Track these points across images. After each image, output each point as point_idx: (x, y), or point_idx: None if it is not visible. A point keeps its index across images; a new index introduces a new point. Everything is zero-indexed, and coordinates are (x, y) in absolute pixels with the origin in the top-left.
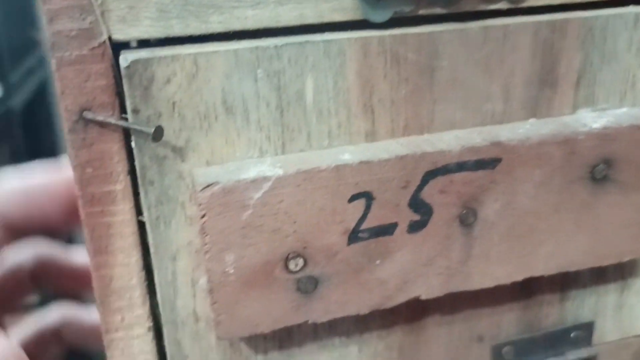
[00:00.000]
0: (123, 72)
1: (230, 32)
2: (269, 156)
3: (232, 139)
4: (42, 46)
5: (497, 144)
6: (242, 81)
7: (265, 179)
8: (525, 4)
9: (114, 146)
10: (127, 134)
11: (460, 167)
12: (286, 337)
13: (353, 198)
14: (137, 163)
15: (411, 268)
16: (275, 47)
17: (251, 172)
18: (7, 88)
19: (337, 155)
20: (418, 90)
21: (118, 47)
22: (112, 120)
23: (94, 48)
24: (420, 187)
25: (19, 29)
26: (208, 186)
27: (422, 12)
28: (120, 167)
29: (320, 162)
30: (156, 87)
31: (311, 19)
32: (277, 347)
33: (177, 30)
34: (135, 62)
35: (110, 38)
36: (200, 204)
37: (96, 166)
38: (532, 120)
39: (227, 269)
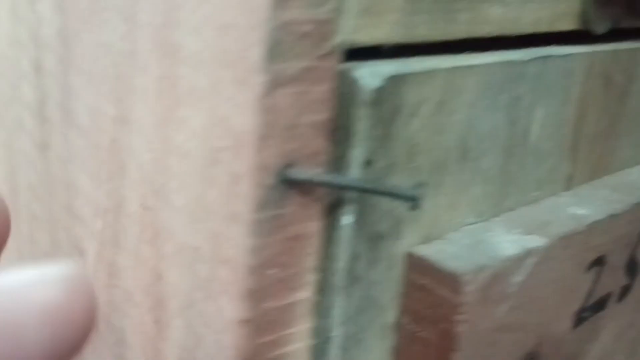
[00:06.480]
0: (364, 98)
1: (458, 40)
2: (484, 219)
3: (457, 199)
4: None
5: None
6: (485, 113)
7: (528, 253)
8: None
9: (313, 227)
10: (330, 205)
11: None
12: None
13: (590, 266)
14: (344, 252)
15: (609, 349)
16: (523, 62)
17: (508, 247)
18: None
19: (569, 210)
20: (613, 121)
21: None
22: (339, 181)
23: (322, 56)
24: (637, 244)
25: None
26: (474, 274)
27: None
28: (309, 261)
29: (564, 223)
30: (401, 123)
31: (544, 25)
32: None
33: (422, 31)
34: (390, 81)
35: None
36: (459, 304)
37: (284, 263)
38: None
39: None
